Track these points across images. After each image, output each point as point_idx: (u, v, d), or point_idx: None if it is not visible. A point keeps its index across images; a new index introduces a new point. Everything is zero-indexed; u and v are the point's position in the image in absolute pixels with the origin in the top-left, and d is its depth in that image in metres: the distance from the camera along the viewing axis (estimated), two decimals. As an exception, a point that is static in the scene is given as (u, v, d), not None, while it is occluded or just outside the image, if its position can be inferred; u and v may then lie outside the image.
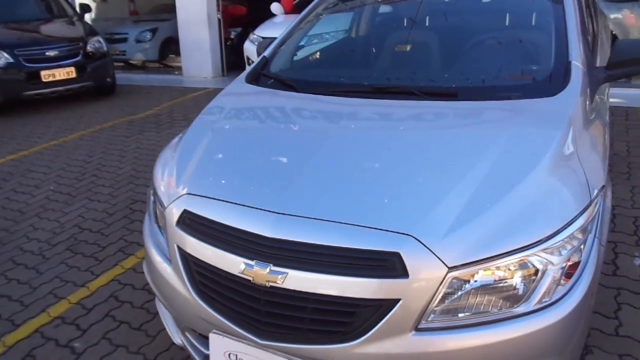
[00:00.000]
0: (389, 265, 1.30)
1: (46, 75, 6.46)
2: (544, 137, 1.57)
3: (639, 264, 2.57)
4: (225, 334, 1.54)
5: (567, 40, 1.94)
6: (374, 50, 2.55)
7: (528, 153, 1.52)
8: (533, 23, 2.25)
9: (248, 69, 2.45)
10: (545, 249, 1.33)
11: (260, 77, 2.37)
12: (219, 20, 8.56)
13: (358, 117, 1.88)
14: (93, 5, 11.16)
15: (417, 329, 1.32)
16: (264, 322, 1.44)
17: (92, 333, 2.37)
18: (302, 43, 2.57)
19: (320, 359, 1.39)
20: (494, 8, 2.35)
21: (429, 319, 1.32)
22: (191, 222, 1.61)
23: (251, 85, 2.29)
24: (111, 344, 2.29)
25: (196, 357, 1.73)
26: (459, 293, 1.32)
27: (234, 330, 1.50)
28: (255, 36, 7.02)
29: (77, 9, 8.01)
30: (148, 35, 10.15)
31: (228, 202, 1.56)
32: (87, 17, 10.26)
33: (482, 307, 1.33)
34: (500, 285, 1.32)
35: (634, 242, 2.77)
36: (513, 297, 1.33)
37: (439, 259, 1.29)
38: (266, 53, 2.53)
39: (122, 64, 10.62)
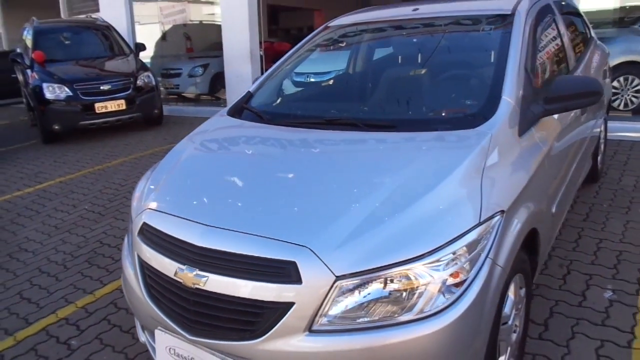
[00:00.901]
0: (286, 272, 1.50)
1: (99, 107, 7.17)
2: (448, 164, 1.73)
3: (608, 296, 2.57)
4: (166, 331, 1.77)
5: (504, 77, 2.09)
6: (332, 88, 2.80)
7: (429, 176, 1.69)
8: (479, 60, 2.41)
9: (232, 103, 2.75)
10: (427, 263, 1.48)
11: (243, 110, 2.66)
12: (261, 56, 9.10)
13: (304, 146, 2.12)
14: (153, 43, 12.13)
15: (311, 331, 1.50)
16: (192, 319, 1.67)
17: (88, 333, 2.67)
18: (279, 81, 2.86)
19: (232, 354, 1.59)
20: (446, 46, 2.53)
21: (321, 322, 1.50)
22: (147, 233, 1.88)
23: (229, 118, 2.58)
24: (101, 343, 2.58)
25: (151, 352, 1.98)
26: (348, 300, 1.49)
27: (172, 327, 1.73)
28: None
29: (133, 47, 8.81)
30: (200, 70, 10.92)
31: (173, 215, 1.83)
32: (147, 54, 11.23)
33: (368, 314, 1.49)
34: (386, 294, 1.48)
35: (611, 275, 2.76)
36: (397, 306, 1.48)
37: (328, 268, 1.48)
38: (251, 89, 2.83)
39: (175, 96, 11.45)
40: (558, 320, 2.42)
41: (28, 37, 8.17)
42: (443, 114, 2.16)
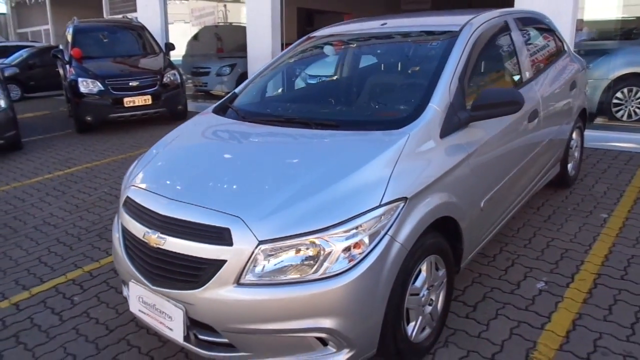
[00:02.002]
0: (222, 236, 1.91)
1: (128, 101, 7.78)
2: (366, 156, 2.09)
3: (540, 287, 2.86)
4: (137, 283, 2.21)
5: (436, 86, 2.43)
6: (298, 92, 3.20)
7: (349, 165, 2.06)
8: (422, 70, 2.74)
9: (219, 101, 3.19)
10: (331, 234, 1.85)
11: (227, 108, 3.08)
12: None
13: (260, 138, 2.53)
14: (185, 42, 12.79)
15: (239, 283, 1.89)
16: (154, 273, 2.10)
17: (89, 292, 3.15)
18: (261, 84, 3.27)
19: (180, 300, 2.00)
20: (399, 57, 2.86)
21: (247, 277, 1.89)
22: (128, 205, 2.33)
23: (212, 114, 3.01)
24: (98, 300, 3.06)
25: (128, 301, 2.42)
26: (268, 261, 1.88)
27: (140, 279, 2.16)
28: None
29: (164, 47, 9.42)
30: (227, 69, 11.47)
31: (148, 191, 2.27)
32: (179, 52, 11.87)
33: (284, 273, 1.87)
34: (298, 258, 1.86)
35: (550, 269, 3.04)
36: (306, 267, 1.86)
37: (254, 234, 1.87)
38: (237, 90, 3.25)
39: (203, 94, 12.05)
40: (487, 303, 2.73)
41: (69, 35, 8.88)
42: (379, 117, 2.52)
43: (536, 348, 2.36)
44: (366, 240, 1.90)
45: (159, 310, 2.11)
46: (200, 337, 2.05)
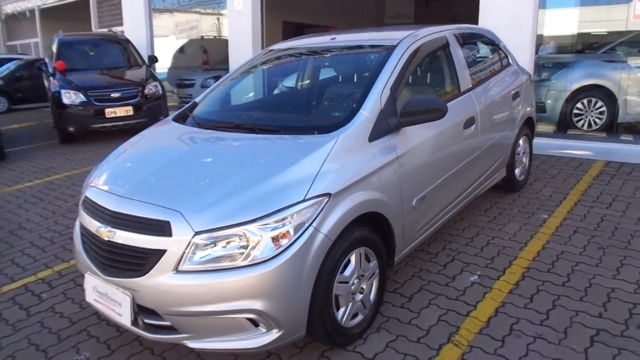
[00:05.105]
0: (163, 228, 2.13)
1: (109, 112, 8.00)
2: (297, 157, 2.33)
3: (472, 279, 3.10)
4: (91, 274, 2.42)
5: (368, 95, 2.68)
6: (250, 100, 3.47)
7: (280, 165, 2.30)
8: (359, 80, 3.00)
9: (179, 110, 3.43)
10: (258, 225, 2.09)
11: (187, 117, 3.32)
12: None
13: (208, 142, 2.79)
14: (171, 55, 13.06)
15: (177, 271, 2.12)
16: (105, 264, 2.32)
17: (56, 290, 3.35)
18: (219, 94, 3.53)
19: (128, 288, 2.22)
20: (342, 68, 3.13)
21: (184, 265, 2.11)
22: (85, 203, 2.55)
23: (172, 122, 3.26)
24: (65, 297, 3.26)
25: (85, 292, 2.62)
26: (203, 251, 2.10)
27: (94, 270, 2.38)
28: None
29: (147, 60, 9.68)
30: (211, 81, 11.71)
31: (102, 189, 2.50)
32: (164, 65, 12.12)
33: (216, 260, 2.10)
34: (230, 246, 2.09)
35: (485, 265, 3.28)
36: (237, 255, 2.09)
37: (190, 226, 2.10)
38: (197, 99, 3.50)
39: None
40: (422, 294, 2.97)
41: (53, 48, 9.12)
42: (315, 123, 2.78)
43: (458, 332, 2.59)
44: (291, 231, 2.13)
45: (110, 298, 2.33)
46: (146, 321, 2.27)
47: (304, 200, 2.18)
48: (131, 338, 2.73)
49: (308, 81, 3.36)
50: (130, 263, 2.23)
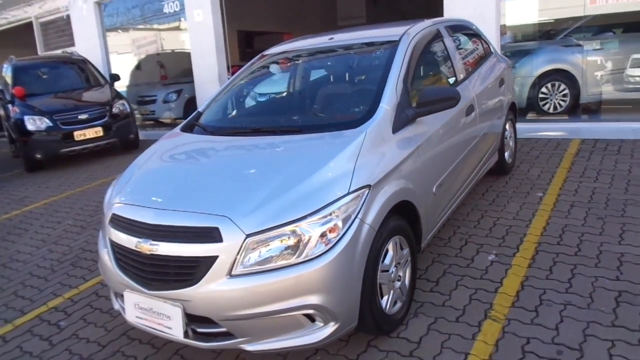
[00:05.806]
0: (212, 235, 2.13)
1: (78, 135, 7.76)
2: (331, 153, 2.39)
3: (491, 258, 3.23)
4: (132, 291, 2.38)
5: (384, 89, 2.77)
6: (261, 105, 3.50)
7: (317, 163, 2.35)
8: (370, 77, 3.10)
9: (185, 121, 3.41)
10: (309, 221, 2.12)
11: (193, 126, 3.30)
12: (229, 79, 9.77)
13: (232, 148, 2.81)
14: (129, 72, 12.76)
15: (231, 275, 2.12)
16: (149, 278, 2.28)
17: (74, 316, 3.25)
18: (223, 101, 3.53)
19: (178, 299, 2.20)
20: (349, 66, 3.22)
21: (238, 269, 2.12)
22: (115, 220, 2.50)
23: (182, 133, 3.23)
24: (85, 322, 3.16)
25: (122, 313, 2.57)
26: (256, 252, 2.11)
27: (135, 287, 2.34)
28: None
29: (109, 78, 9.44)
30: (174, 96, 11.54)
31: (134, 205, 2.46)
32: (123, 83, 11.83)
33: (270, 261, 2.11)
34: (281, 246, 2.12)
35: (498, 244, 3.43)
36: (290, 253, 2.11)
37: (240, 229, 2.11)
38: (200, 109, 3.49)
39: (152, 122, 12.03)
40: (447, 278, 3.07)
41: (8, 74, 8.75)
42: (337, 120, 2.84)
43: (493, 308, 2.70)
44: (340, 224, 2.18)
45: (156, 312, 2.29)
46: (199, 330, 2.25)
47: (348, 194, 2.23)
48: (170, 353, 2.69)
49: (317, 81, 3.41)
50: (178, 274, 2.20)
